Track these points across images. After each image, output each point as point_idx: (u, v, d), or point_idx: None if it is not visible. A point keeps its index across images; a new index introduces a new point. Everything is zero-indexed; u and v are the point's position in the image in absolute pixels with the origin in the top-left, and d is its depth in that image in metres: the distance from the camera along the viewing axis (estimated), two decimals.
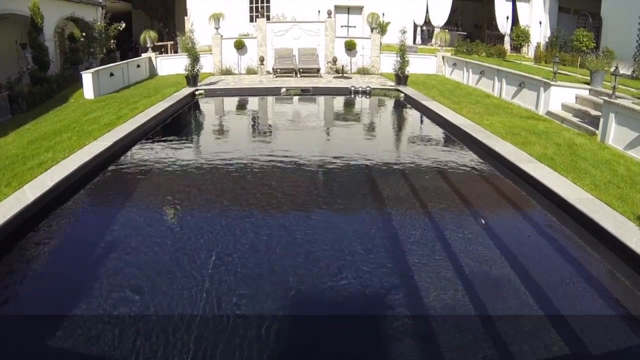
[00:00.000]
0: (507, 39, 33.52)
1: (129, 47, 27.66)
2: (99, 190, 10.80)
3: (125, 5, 37.94)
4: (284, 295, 6.63)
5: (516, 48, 32.45)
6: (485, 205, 10.42)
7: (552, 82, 17.09)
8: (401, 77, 23.29)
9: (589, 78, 17.77)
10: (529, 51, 32.81)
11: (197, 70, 22.12)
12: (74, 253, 8.00)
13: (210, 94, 21.95)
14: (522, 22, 32.62)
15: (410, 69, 23.83)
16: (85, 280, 6.98)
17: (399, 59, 23.33)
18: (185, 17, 33.18)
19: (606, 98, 13.85)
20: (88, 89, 19.75)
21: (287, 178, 11.64)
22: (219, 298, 6.45)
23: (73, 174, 10.29)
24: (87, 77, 19.73)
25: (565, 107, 16.97)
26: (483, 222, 9.14)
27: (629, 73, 19.42)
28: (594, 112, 15.42)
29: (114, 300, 6.41)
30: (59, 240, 8.33)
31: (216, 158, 13.25)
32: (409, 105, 20.77)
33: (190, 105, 20.38)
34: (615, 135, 13.44)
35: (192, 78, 21.95)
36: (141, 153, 13.35)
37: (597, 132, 14.18)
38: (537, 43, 29.82)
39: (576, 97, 17.02)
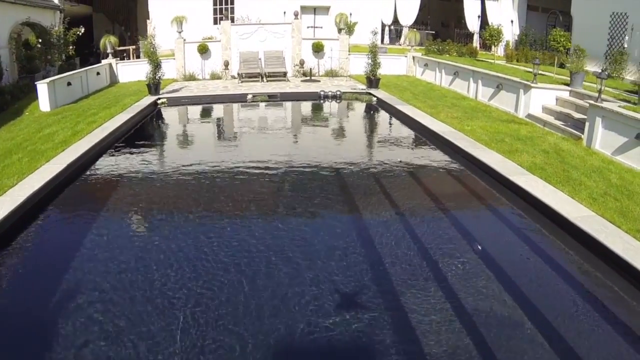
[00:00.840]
0: (476, 37, 33.07)
1: (90, 53, 26.37)
2: (51, 226, 9.45)
3: (86, 9, 36.52)
4: None
5: (485, 46, 31.97)
6: (480, 228, 9.55)
7: (532, 84, 16.46)
8: (372, 80, 22.45)
9: (567, 78, 17.31)
10: (498, 50, 32.44)
11: (159, 77, 21.00)
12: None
13: (173, 102, 20.78)
14: (491, 20, 32.00)
15: (381, 71, 22.93)
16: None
17: (370, 61, 22.51)
18: (148, 21, 32.02)
19: (592, 102, 13.24)
20: (44, 100, 18.38)
21: (251, 199, 10.65)
22: None
23: (20, 207, 9.05)
24: (42, 87, 18.33)
25: (546, 110, 16.36)
26: (479, 247, 8.28)
27: (600, 71, 18.83)
28: (577, 115, 14.87)
29: None
30: None
31: (180, 175, 12.20)
32: (382, 111, 19.90)
33: (152, 115, 19.16)
34: (602, 140, 12.90)
35: (153, 86, 20.84)
36: (99, 174, 12.21)
37: (582, 136, 13.64)
38: (506, 41, 29.34)
39: (557, 99, 16.45)
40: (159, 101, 20.35)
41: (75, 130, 14.53)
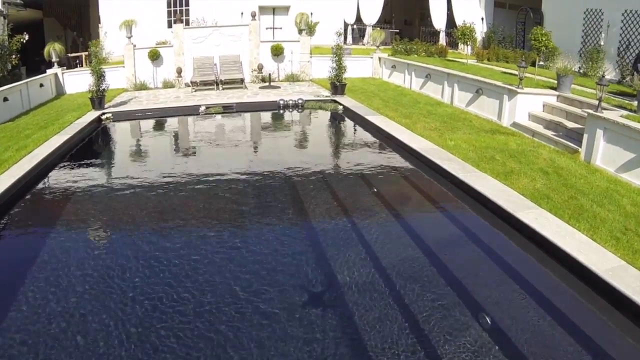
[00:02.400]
0: (442, 36, 31.76)
1: (41, 61, 24.18)
2: None
3: (35, 13, 34.17)
4: None
5: (452, 45, 30.70)
6: (489, 288, 7.45)
7: (518, 89, 14.88)
8: (338, 86, 20.63)
9: (549, 80, 16.38)
10: (466, 48, 31.29)
11: (103, 89, 18.88)
12: None
13: (119, 117, 18.58)
14: (458, 18, 30.81)
15: (346, 74, 21.13)
16: None
17: (334, 64, 20.64)
18: (99, 25, 29.90)
19: (591, 111, 11.65)
20: None
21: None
22: None
23: None
24: None
25: (533, 117, 14.87)
26: (488, 320, 6.50)
27: (575, 69, 17.73)
28: (570, 124, 13.41)
29: None
30: None
31: (120, 215, 10.24)
32: (350, 122, 18.05)
33: (93, 135, 16.94)
34: (605, 155, 11.46)
35: (97, 99, 18.70)
36: (17, 225, 10.03)
37: (579, 149, 12.16)
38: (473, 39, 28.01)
39: (544, 105, 14.99)
40: (103, 116, 18.24)
41: (1, 160, 12.45)
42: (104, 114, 18.34)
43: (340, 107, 19.33)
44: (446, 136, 13.62)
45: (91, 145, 16.42)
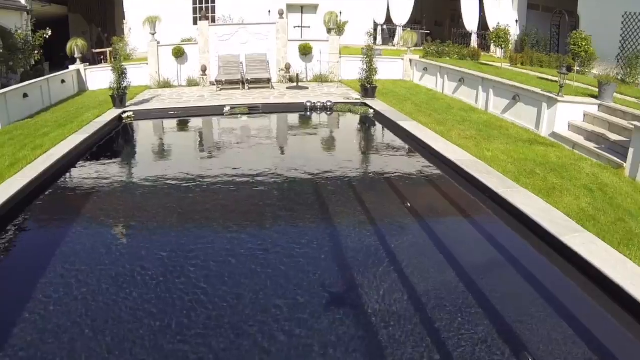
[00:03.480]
0: (474, 38, 30.89)
1: (65, 56, 23.81)
2: None
3: (60, 9, 34.07)
4: None
5: (483, 47, 29.85)
6: (532, 320, 6.54)
7: (558, 97, 14.01)
8: (368, 89, 19.84)
9: (587, 87, 15.58)
10: (497, 51, 30.48)
11: (125, 87, 18.35)
12: None
13: (141, 116, 18.07)
14: (490, 19, 29.99)
15: (376, 76, 20.38)
16: None
17: (364, 66, 19.89)
18: (124, 21, 29.50)
19: (638, 123, 10.78)
20: None
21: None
22: None
23: None
24: None
25: (573, 128, 13.98)
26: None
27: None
28: (613, 137, 12.51)
29: None
30: None
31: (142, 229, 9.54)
32: (381, 127, 17.15)
33: (113, 135, 16.38)
34: None
35: (118, 97, 18.20)
36: (27, 233, 9.42)
37: (624, 164, 11.28)
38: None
39: (584, 115, 14.09)
40: (124, 115, 17.72)
41: (15, 159, 11.95)
42: (125, 112, 17.84)
43: (371, 110, 18.52)
44: (483, 146, 12.84)
45: (110, 146, 15.87)
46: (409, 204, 10.50)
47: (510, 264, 8.09)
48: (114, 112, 17.65)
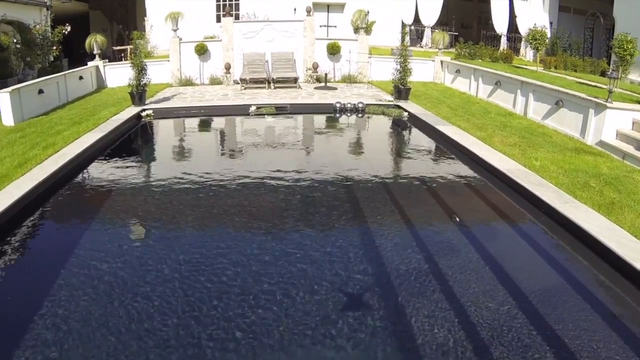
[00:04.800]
0: (503, 40, 30.22)
1: (85, 53, 23.27)
2: None
3: (81, 6, 33.80)
4: None
5: (512, 50, 29.00)
6: None
7: (607, 103, 12.96)
8: (402, 90, 18.86)
9: (631, 93, 14.68)
10: (527, 54, 29.69)
11: (144, 84, 17.56)
12: None
13: (161, 114, 17.25)
14: (520, 22, 29.34)
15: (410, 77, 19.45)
16: None
17: (398, 66, 18.92)
18: (145, 18, 28.86)
19: None
20: (6, 113, 14.95)
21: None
22: None
23: None
24: (3, 97, 14.86)
25: (621, 136, 12.94)
26: None
27: None
28: None
29: None
30: None
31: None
32: (418, 131, 16.03)
33: (130, 134, 15.53)
34: None
35: (137, 95, 17.40)
36: (37, 237, 8.53)
37: None
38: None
39: (633, 123, 13.00)
40: (143, 113, 16.92)
41: (25, 158, 11.14)
42: (144, 110, 17.06)
43: (405, 113, 17.54)
44: (529, 154, 11.82)
45: (127, 145, 15.00)
46: (457, 218, 9.42)
47: (577, 292, 7.00)
48: (132, 110, 16.85)
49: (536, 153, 11.98)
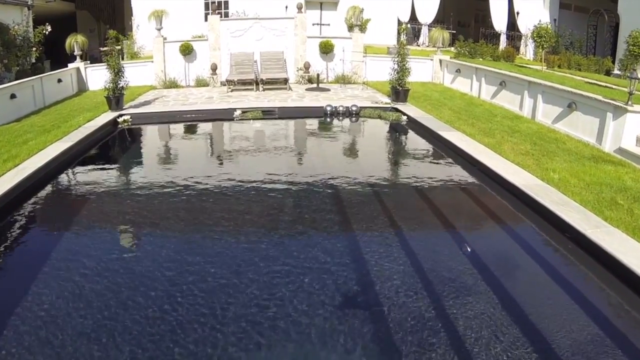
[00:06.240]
0: (503, 38, 29.91)
1: (73, 55, 22.07)
2: None
3: (67, 6, 32.76)
4: None
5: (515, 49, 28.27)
6: None
7: (627, 107, 11.72)
8: (400, 92, 17.59)
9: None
10: (527, 52, 28.88)
11: (121, 87, 16.28)
12: None
13: (139, 120, 15.90)
14: (520, 20, 29.37)
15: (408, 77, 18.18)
16: None
17: (396, 66, 17.65)
18: (132, 17, 27.69)
19: None
20: None
21: None
22: None
23: None
24: None
25: None
26: None
27: None
28: None
29: None
30: None
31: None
32: (419, 138, 14.57)
33: (104, 143, 14.14)
34: None
35: (114, 99, 16.12)
36: None
37: None
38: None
39: None
40: (120, 119, 15.63)
41: None
42: (121, 115, 15.78)
43: (404, 117, 16.24)
44: (545, 165, 10.57)
45: (99, 157, 13.59)
46: (469, 248, 7.88)
47: (618, 345, 5.69)
48: (108, 116, 15.58)
49: (552, 163, 10.74)
